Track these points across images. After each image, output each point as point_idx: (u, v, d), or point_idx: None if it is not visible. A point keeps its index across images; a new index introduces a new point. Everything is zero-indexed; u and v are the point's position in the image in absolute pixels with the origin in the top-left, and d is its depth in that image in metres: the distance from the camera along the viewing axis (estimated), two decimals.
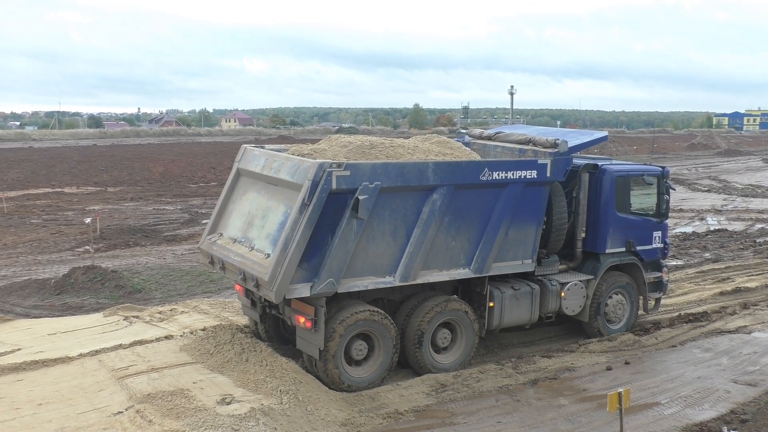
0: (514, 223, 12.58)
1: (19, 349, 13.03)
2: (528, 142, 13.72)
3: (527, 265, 13.07)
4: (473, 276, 12.47)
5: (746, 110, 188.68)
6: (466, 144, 14.69)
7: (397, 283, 11.72)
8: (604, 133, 15.27)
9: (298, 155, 11.92)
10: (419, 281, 11.97)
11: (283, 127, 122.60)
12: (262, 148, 12.94)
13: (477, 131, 15.96)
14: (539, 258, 13.42)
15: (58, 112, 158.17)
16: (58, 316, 16.27)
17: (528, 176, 12.53)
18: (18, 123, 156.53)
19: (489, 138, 15.00)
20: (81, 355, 12.49)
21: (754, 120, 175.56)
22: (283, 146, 13.38)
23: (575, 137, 13.96)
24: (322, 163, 10.75)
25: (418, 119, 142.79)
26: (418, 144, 12.93)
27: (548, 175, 12.75)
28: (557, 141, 13.02)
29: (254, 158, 12.49)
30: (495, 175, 12.22)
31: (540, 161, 12.74)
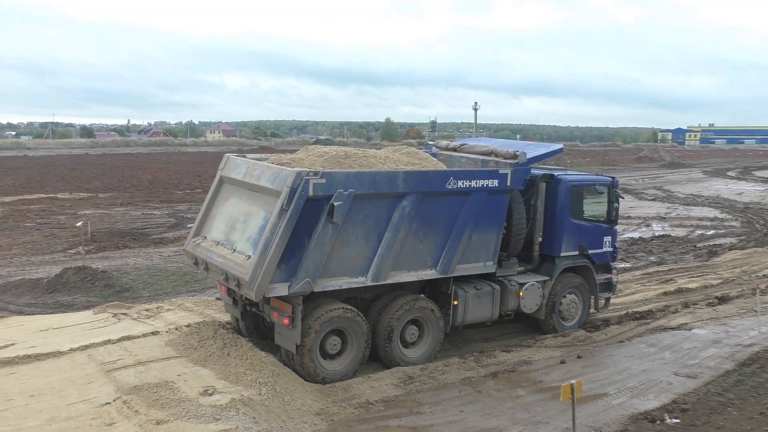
0: (477, 227, 12.63)
1: (12, 344, 12.83)
2: (490, 153, 13.80)
3: (489, 266, 13.12)
4: (439, 276, 12.49)
5: (688, 126, 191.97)
6: (434, 155, 14.72)
7: (369, 283, 11.71)
8: (559, 146, 15.40)
9: (277, 164, 11.86)
10: (389, 281, 11.97)
11: (264, 138, 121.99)
12: (244, 157, 12.87)
13: (443, 143, 16.03)
14: (500, 260, 13.49)
15: (52, 122, 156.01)
16: (50, 313, 16.04)
17: (490, 185, 12.60)
18: (14, 133, 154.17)
19: (454, 149, 15.06)
20: (71, 350, 12.32)
21: (695, 135, 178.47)
22: (263, 156, 13.32)
23: (533, 149, 14.06)
24: (300, 171, 10.71)
25: (389, 132, 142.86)
26: (389, 154, 12.94)
27: (508, 183, 12.83)
28: (517, 152, 13.11)
29: (236, 166, 12.41)
30: (460, 183, 12.27)
31: (501, 171, 12.82)
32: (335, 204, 10.87)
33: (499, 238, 13.10)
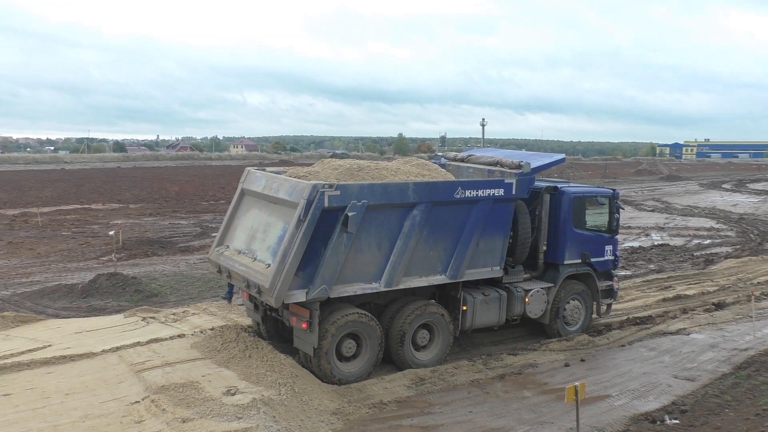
0: (484, 234, 12.54)
1: (49, 346, 12.87)
2: (496, 163, 13.72)
3: (496, 271, 13.01)
4: (449, 281, 12.41)
5: (685, 141, 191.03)
6: (442, 165, 14.67)
7: (382, 289, 11.65)
8: (561, 156, 15.24)
9: (294, 177, 11.86)
10: (401, 287, 11.90)
11: (284, 152, 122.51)
12: (263, 170, 12.88)
13: (451, 154, 15.93)
14: (506, 268, 13.39)
15: (88, 138, 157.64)
16: (84, 316, 16.09)
17: (496, 194, 12.51)
18: (52, 148, 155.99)
19: (462, 160, 14.99)
20: (104, 351, 12.35)
21: (692, 150, 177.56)
22: (281, 169, 13.33)
23: (537, 159, 13.95)
24: (316, 184, 10.70)
25: (401, 147, 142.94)
26: (400, 166, 12.90)
27: (514, 192, 12.73)
28: (521, 163, 13.03)
29: (256, 179, 12.42)
30: (467, 193, 12.20)
31: (506, 181, 12.72)
32: (349, 214, 10.84)
33: (506, 244, 12.99)
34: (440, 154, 15.92)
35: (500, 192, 12.56)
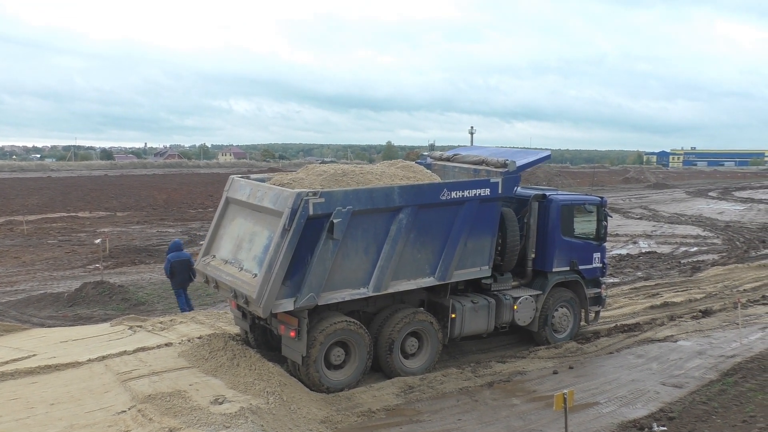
0: (471, 235, 12.50)
1: (34, 355, 12.77)
2: (481, 162, 13.72)
3: (485, 270, 12.92)
4: (438, 283, 12.34)
5: (672, 149, 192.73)
6: (428, 165, 14.64)
7: (371, 294, 11.58)
8: (547, 153, 15.16)
9: (278, 185, 11.79)
10: (390, 291, 11.83)
11: (273, 160, 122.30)
12: (248, 178, 12.80)
13: (437, 153, 15.91)
14: (495, 275, 13.40)
15: (74, 146, 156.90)
16: (70, 325, 15.99)
17: (482, 194, 12.47)
18: (38, 155, 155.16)
19: (448, 159, 14.97)
20: (89, 361, 12.25)
21: (678, 158, 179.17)
22: (266, 176, 13.25)
23: (523, 157, 13.93)
24: (300, 192, 10.64)
25: (390, 155, 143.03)
26: (385, 170, 12.83)
27: (500, 191, 12.68)
28: (507, 161, 13.04)
29: (241, 188, 12.35)
30: (453, 194, 12.14)
31: (492, 180, 12.68)
32: (335, 221, 10.79)
33: (494, 243, 12.94)
34: (426, 153, 15.86)
35: (486, 192, 12.52)
